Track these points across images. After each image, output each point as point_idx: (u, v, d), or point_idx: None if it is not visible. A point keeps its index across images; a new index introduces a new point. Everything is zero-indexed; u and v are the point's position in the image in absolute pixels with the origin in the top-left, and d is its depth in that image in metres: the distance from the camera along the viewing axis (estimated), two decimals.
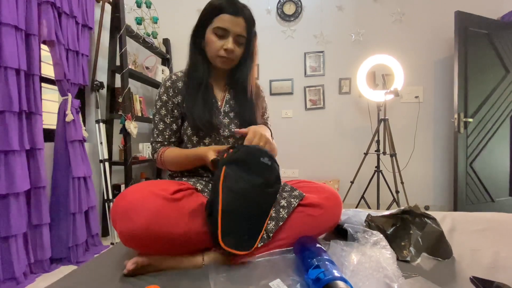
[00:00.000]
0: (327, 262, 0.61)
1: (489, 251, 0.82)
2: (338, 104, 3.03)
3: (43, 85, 1.93)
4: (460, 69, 2.46)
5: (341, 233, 0.88)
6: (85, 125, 2.16)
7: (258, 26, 1.00)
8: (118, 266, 0.75)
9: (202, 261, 0.74)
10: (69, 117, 1.86)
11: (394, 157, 2.45)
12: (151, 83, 2.85)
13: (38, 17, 1.71)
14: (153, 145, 1.01)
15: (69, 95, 1.89)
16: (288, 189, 0.87)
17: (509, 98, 2.61)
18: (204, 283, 0.65)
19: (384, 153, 2.56)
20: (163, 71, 2.89)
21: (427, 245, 0.79)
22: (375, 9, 2.94)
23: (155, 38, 2.84)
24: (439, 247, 0.79)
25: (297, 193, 0.85)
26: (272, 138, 1.04)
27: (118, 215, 0.67)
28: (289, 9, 3.05)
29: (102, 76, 2.34)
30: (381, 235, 0.75)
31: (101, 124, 2.23)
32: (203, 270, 0.71)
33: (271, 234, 0.77)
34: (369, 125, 2.91)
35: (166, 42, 3.18)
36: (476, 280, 0.63)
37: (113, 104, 2.37)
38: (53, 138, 1.92)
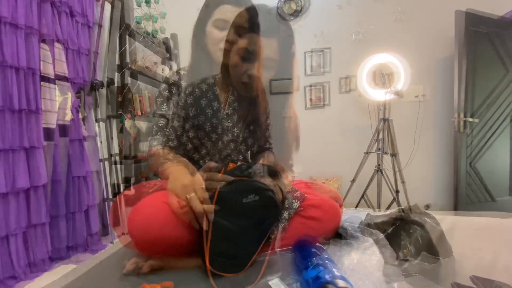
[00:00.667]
0: (326, 261, 0.61)
1: (489, 250, 0.82)
2: (339, 103, 3.01)
3: (42, 84, 1.92)
4: (460, 68, 2.45)
5: (341, 233, 0.87)
6: (84, 124, 2.15)
7: None
8: (117, 265, 0.74)
9: None
10: (69, 115, 1.86)
11: (394, 157, 2.44)
12: (157, 80, 2.83)
13: (38, 15, 1.70)
14: (150, 142, 0.97)
15: (69, 93, 1.88)
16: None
17: (510, 98, 2.60)
18: (204, 282, 0.65)
19: (385, 152, 2.55)
20: (171, 67, 2.88)
21: (426, 244, 0.78)
22: (375, 8, 2.92)
23: (163, 33, 2.82)
24: (439, 246, 0.79)
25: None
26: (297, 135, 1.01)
27: (136, 231, 0.69)
28: (289, 8, 3.03)
29: (110, 74, 2.33)
30: (381, 234, 0.75)
31: (100, 123, 2.23)
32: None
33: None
34: (370, 124, 2.91)
35: (174, 37, 3.17)
36: (476, 280, 0.63)
37: (113, 102, 2.36)
38: (53, 136, 1.92)
